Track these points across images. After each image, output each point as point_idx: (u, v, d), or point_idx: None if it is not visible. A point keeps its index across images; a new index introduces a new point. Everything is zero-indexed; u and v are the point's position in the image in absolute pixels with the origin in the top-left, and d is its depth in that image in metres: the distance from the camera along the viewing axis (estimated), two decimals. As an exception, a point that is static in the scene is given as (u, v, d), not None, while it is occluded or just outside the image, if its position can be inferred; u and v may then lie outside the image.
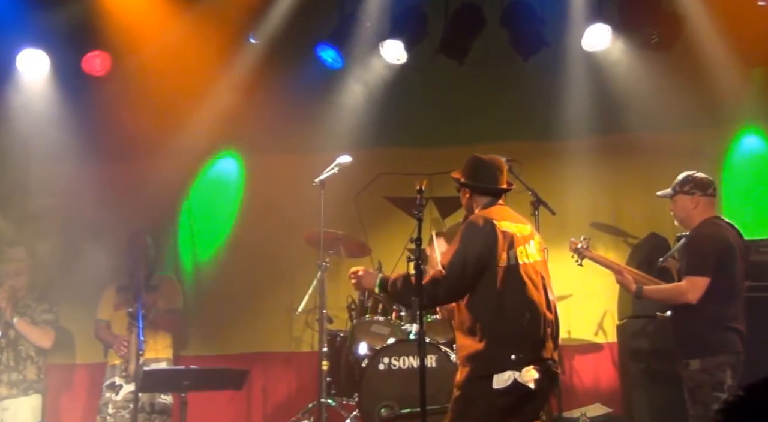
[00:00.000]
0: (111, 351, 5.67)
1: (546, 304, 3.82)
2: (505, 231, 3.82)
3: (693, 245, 4.50)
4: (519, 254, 3.81)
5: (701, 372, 4.34)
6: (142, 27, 5.94)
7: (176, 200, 6.42)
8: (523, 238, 3.87)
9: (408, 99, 6.38)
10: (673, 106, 5.89)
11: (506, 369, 3.67)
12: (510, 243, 3.80)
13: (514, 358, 3.66)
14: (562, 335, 5.33)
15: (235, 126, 6.26)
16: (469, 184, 4.00)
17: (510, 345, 3.69)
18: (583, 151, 6.11)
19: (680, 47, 5.88)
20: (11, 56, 6.02)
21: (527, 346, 3.72)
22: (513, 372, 3.66)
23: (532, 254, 3.88)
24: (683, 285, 4.43)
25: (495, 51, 6.02)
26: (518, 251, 3.81)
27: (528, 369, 3.67)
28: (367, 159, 5.90)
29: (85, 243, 5.86)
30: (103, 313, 5.74)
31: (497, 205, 3.95)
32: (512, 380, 3.66)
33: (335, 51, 6.10)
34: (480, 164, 4.01)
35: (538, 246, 3.95)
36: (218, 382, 5.23)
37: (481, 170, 3.99)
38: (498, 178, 4.00)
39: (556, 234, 5.52)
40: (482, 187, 3.98)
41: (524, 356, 3.68)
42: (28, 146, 6.18)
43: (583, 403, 5.62)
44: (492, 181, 3.98)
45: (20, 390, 5.47)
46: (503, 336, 3.71)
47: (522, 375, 3.66)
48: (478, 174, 3.99)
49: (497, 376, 3.67)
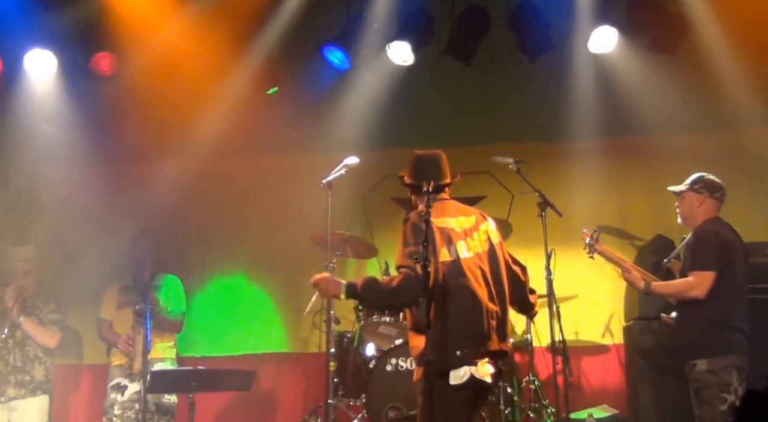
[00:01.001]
0: (114, 351, 5.67)
1: (489, 296, 3.79)
2: (443, 228, 3.83)
3: (697, 241, 4.53)
4: (459, 249, 3.80)
5: (708, 372, 4.35)
6: (150, 27, 5.95)
7: (183, 200, 6.42)
8: (464, 232, 3.86)
9: (415, 100, 6.39)
10: (679, 108, 5.89)
11: (458, 365, 3.67)
12: (448, 238, 3.81)
13: (459, 354, 3.67)
14: (569, 336, 5.37)
15: (242, 126, 6.27)
16: (409, 183, 4.02)
17: (454, 341, 3.68)
18: (589, 152, 6.13)
19: (686, 49, 5.89)
20: (19, 56, 6.04)
21: (471, 341, 3.71)
22: (469, 368, 3.67)
23: (473, 247, 3.85)
24: (691, 280, 4.45)
25: (501, 53, 6.03)
26: (458, 246, 3.80)
27: (483, 363, 3.68)
28: (375, 160, 5.91)
29: (92, 243, 5.87)
30: (106, 312, 5.74)
31: (438, 201, 3.93)
32: (468, 375, 3.67)
33: (342, 52, 6.11)
34: (420, 161, 4.01)
35: (485, 237, 3.91)
36: (226, 383, 5.23)
37: (421, 168, 3.99)
38: (438, 174, 3.98)
39: (562, 236, 5.53)
40: (417, 183, 3.95)
41: (469, 351, 3.68)
42: (35, 146, 6.19)
43: (590, 404, 5.61)
44: (432, 177, 3.92)
45: (28, 390, 5.47)
46: (447, 333, 3.69)
47: (477, 369, 3.67)
48: (418, 171, 3.98)
49: (453, 372, 3.67)
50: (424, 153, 4.06)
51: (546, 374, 5.84)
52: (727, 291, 4.43)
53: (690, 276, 4.47)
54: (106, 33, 5.99)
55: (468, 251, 3.82)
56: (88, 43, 6.09)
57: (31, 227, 5.95)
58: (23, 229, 5.89)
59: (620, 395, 5.93)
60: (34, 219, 6.00)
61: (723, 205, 4.68)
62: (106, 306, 5.76)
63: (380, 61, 6.19)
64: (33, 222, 5.98)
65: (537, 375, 5.70)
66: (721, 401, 4.27)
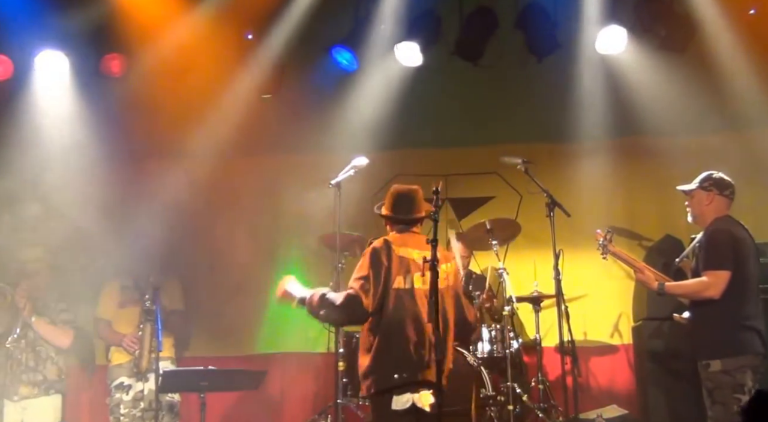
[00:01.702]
0: (114, 351, 5.67)
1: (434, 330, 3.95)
2: (402, 257, 4.05)
3: (711, 240, 4.49)
4: (414, 279, 4.02)
5: (722, 373, 4.32)
6: (159, 29, 5.99)
7: (191, 199, 6.44)
8: (424, 266, 4.01)
9: (423, 100, 6.40)
10: (688, 108, 5.88)
11: (400, 391, 3.87)
12: (407, 268, 4.03)
13: (397, 378, 3.87)
14: (578, 338, 5.37)
15: (250, 127, 6.29)
16: (384, 216, 4.29)
17: (394, 365, 3.90)
18: (597, 152, 6.13)
19: (695, 48, 5.88)
20: (30, 57, 6.08)
21: (412, 368, 3.90)
22: (411, 395, 3.87)
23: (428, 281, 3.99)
24: (706, 280, 4.41)
25: (509, 53, 6.04)
26: (414, 276, 4.02)
27: (426, 393, 3.86)
28: (383, 160, 5.92)
29: (100, 243, 5.89)
30: (105, 312, 5.74)
31: (407, 233, 4.18)
32: (411, 403, 3.87)
33: (351, 53, 6.13)
34: (396, 197, 4.25)
35: (443, 275, 4.05)
36: (236, 383, 5.26)
37: (396, 202, 4.23)
38: (412, 209, 4.21)
39: (571, 236, 5.52)
40: (394, 217, 4.23)
41: (407, 376, 3.88)
42: (46, 146, 6.23)
43: (599, 405, 5.61)
44: (405, 211, 4.20)
45: (41, 390, 5.48)
46: (389, 356, 3.92)
47: (420, 398, 3.86)
48: (394, 205, 4.23)
49: (396, 398, 3.87)
50: (402, 188, 4.29)
51: (555, 374, 5.83)
52: (741, 290, 4.40)
53: (704, 276, 4.43)
54: (116, 35, 6.04)
55: (422, 284, 4.01)
56: (98, 45, 6.14)
57: (41, 227, 5.97)
58: (34, 229, 5.92)
59: (630, 395, 5.92)
60: (44, 220, 6.02)
61: (733, 203, 4.65)
62: (104, 306, 5.76)
63: (388, 61, 6.21)
64: (43, 223, 6.00)
65: (546, 375, 5.68)
66: (735, 401, 4.24)
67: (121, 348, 5.63)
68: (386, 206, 4.27)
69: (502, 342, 5.52)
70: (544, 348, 5.71)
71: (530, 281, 5.83)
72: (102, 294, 5.78)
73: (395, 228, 4.20)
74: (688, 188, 4.67)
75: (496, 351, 5.52)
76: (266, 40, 6.16)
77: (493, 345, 5.54)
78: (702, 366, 4.42)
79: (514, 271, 5.77)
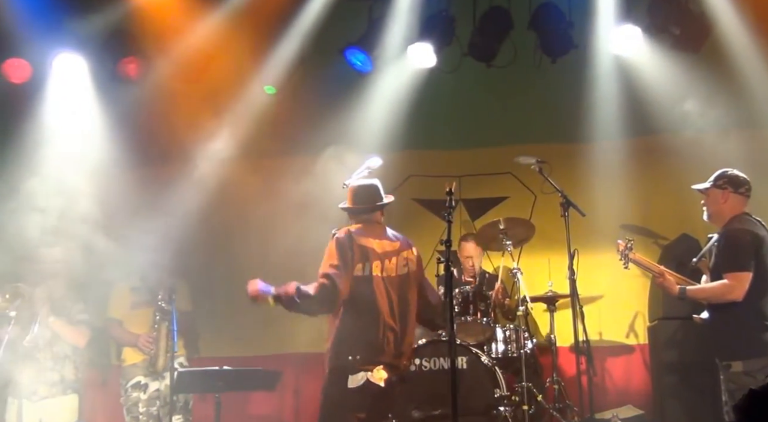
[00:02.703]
0: (127, 351, 5.70)
1: (390, 314, 4.17)
2: (362, 245, 4.21)
3: (730, 241, 4.43)
4: (373, 267, 4.19)
5: (744, 374, 4.24)
6: (176, 32, 6.03)
7: (207, 201, 6.48)
8: (384, 254, 4.26)
9: (437, 101, 6.40)
10: (702, 107, 5.84)
11: (355, 370, 4.03)
12: (366, 256, 4.19)
13: (350, 359, 4.06)
14: (593, 338, 5.35)
15: (265, 128, 6.31)
16: (345, 208, 4.48)
17: (349, 347, 4.09)
18: (612, 152, 6.11)
19: (710, 47, 5.84)
20: (48, 60, 6.13)
21: (366, 350, 4.08)
22: (366, 373, 4.05)
23: (388, 269, 4.25)
24: (728, 283, 4.34)
25: (523, 53, 6.02)
26: (373, 265, 4.19)
27: (378, 369, 4.05)
28: (397, 161, 5.92)
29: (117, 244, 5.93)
30: (116, 312, 5.76)
31: (369, 224, 4.35)
32: (365, 380, 4.05)
33: (364, 54, 6.14)
34: (355, 190, 4.45)
35: (403, 263, 4.30)
36: (252, 383, 5.26)
37: (355, 195, 4.43)
38: (370, 198, 4.41)
39: (585, 236, 5.51)
40: (354, 208, 4.42)
41: (361, 357, 4.06)
42: (63, 149, 6.28)
43: (615, 405, 5.60)
44: (363, 201, 4.40)
45: (59, 389, 5.52)
46: (344, 339, 4.12)
47: (373, 374, 4.04)
48: (354, 198, 4.42)
49: (352, 377, 4.05)
50: (360, 181, 4.50)
51: (570, 374, 5.81)
52: (762, 289, 4.34)
53: (726, 279, 4.36)
54: (133, 38, 6.08)
55: (381, 272, 4.21)
56: (115, 48, 6.17)
57: (59, 229, 6.02)
58: (52, 232, 5.96)
59: (645, 395, 5.90)
60: (61, 222, 6.07)
61: (750, 200, 4.59)
62: (115, 306, 5.78)
63: (402, 63, 6.21)
64: (61, 225, 6.05)
65: (561, 375, 5.66)
66: (758, 404, 4.19)
67: (135, 348, 5.66)
68: (347, 200, 4.45)
69: (516, 342, 5.51)
70: (559, 348, 5.69)
71: (545, 281, 5.82)
72: (112, 296, 5.81)
73: (357, 220, 4.37)
74: (703, 187, 4.62)
75: (510, 351, 5.52)
76: (281, 42, 6.17)
77: (507, 345, 5.54)
78: (723, 367, 4.36)
79: (528, 271, 5.76)
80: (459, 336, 5.33)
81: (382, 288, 4.18)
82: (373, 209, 4.40)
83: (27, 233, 5.60)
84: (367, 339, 4.10)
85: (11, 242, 5.57)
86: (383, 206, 4.43)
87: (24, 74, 6.15)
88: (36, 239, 5.66)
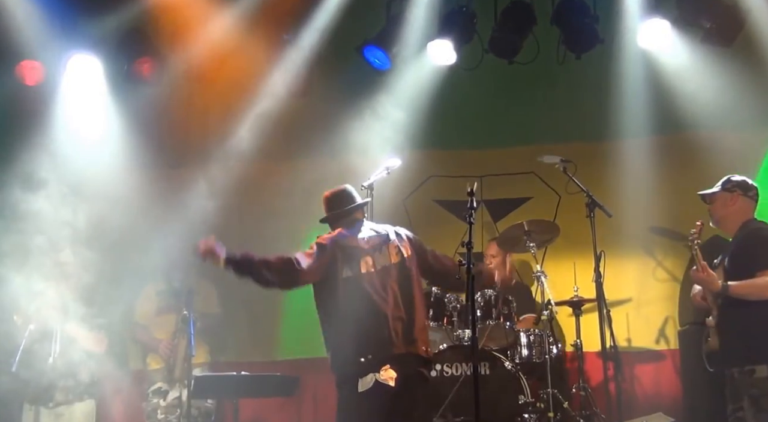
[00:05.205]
0: (151, 355, 5.71)
1: (394, 304, 4.14)
2: (347, 246, 4.22)
3: (760, 239, 4.38)
4: (361, 265, 4.17)
5: None
6: (191, 32, 6.00)
7: (224, 204, 6.43)
8: (373, 247, 4.25)
9: (457, 100, 6.30)
10: (735, 104, 5.73)
11: (364, 372, 4.00)
12: (350, 256, 4.18)
13: (363, 361, 4.01)
14: (621, 343, 5.23)
15: (282, 129, 6.26)
16: (323, 219, 4.51)
17: (356, 349, 4.04)
18: (640, 151, 6.00)
19: (742, 41, 5.69)
20: (62, 61, 6.11)
21: (375, 348, 4.04)
22: (374, 374, 3.99)
23: (382, 259, 4.23)
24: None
25: (546, 49, 5.90)
26: (361, 262, 4.18)
27: (385, 368, 3.99)
28: (417, 161, 5.87)
29: (134, 248, 5.90)
30: (143, 317, 5.79)
31: (351, 225, 4.36)
32: (374, 381, 3.99)
33: (382, 52, 6.05)
34: (327, 199, 4.50)
35: (395, 250, 4.27)
36: (270, 389, 5.26)
37: (330, 203, 4.48)
38: (350, 200, 4.45)
39: (612, 237, 5.42)
40: (333, 215, 4.45)
41: (373, 357, 4.02)
42: (78, 150, 6.26)
43: (644, 412, 5.47)
44: (339, 205, 4.44)
45: (75, 395, 5.52)
46: (349, 343, 4.07)
47: (381, 375, 3.99)
48: (329, 206, 4.47)
49: (361, 380, 4.01)
50: (329, 190, 4.52)
51: (597, 381, 5.70)
52: None
53: (765, 275, 4.28)
54: (148, 38, 6.06)
55: (371, 266, 4.19)
56: (130, 49, 6.14)
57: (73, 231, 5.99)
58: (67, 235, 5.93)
59: (676, 403, 5.77)
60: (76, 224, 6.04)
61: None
62: (142, 311, 5.81)
63: (421, 60, 6.12)
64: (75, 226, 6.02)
65: (587, 381, 5.56)
66: (784, 409, 4.08)
67: (156, 353, 5.69)
68: (325, 209, 4.48)
69: (540, 347, 5.41)
70: (586, 353, 5.58)
71: (570, 284, 5.69)
72: (140, 300, 5.83)
73: (340, 226, 4.37)
74: (710, 192, 4.56)
75: (535, 356, 5.42)
76: (298, 41, 6.11)
77: (531, 350, 5.45)
78: (745, 372, 4.27)
79: (552, 274, 5.66)
80: (481, 341, 5.23)
81: (374, 282, 4.15)
82: (348, 213, 4.40)
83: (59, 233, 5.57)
84: (375, 337, 4.06)
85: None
86: (358, 208, 4.44)
87: (37, 76, 6.14)
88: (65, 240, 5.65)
